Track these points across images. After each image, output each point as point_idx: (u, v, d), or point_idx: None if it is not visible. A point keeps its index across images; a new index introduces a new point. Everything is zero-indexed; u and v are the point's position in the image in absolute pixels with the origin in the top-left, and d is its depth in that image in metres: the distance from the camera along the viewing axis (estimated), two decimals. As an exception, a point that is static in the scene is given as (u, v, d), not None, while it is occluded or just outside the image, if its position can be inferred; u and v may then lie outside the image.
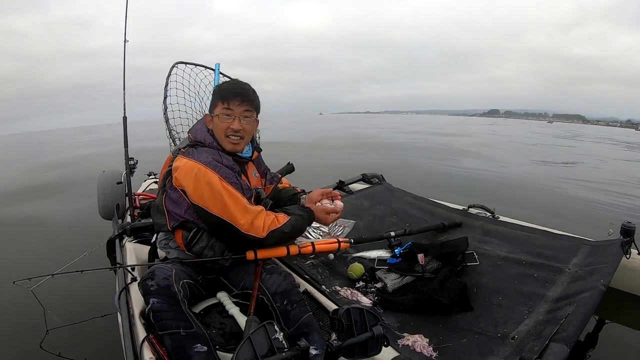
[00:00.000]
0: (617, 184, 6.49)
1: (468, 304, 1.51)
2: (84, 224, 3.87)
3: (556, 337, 1.11)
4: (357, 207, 2.62)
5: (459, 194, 4.59)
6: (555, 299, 1.43)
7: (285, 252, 1.24)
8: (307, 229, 2.29)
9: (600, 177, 7.25)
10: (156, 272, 1.19)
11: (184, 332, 1.11)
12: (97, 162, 6.68)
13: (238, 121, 1.39)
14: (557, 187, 6.00)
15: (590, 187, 6.13)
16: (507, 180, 6.58)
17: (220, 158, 1.37)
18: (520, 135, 23.29)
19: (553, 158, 10.64)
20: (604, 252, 1.66)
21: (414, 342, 1.32)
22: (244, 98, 1.40)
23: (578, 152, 13.25)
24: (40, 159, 8.26)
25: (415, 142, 14.50)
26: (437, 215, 2.39)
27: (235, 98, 1.38)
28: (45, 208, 4.78)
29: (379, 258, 1.92)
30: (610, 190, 5.87)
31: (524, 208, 4.20)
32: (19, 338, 1.93)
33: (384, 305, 1.58)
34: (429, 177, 6.68)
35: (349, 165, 7.46)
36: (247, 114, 1.41)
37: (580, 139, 22.08)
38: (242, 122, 1.39)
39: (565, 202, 5.02)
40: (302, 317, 1.25)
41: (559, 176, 7.26)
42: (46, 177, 6.94)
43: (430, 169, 7.76)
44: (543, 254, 1.77)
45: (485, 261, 1.80)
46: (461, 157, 9.81)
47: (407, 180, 4.13)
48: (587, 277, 1.49)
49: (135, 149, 2.90)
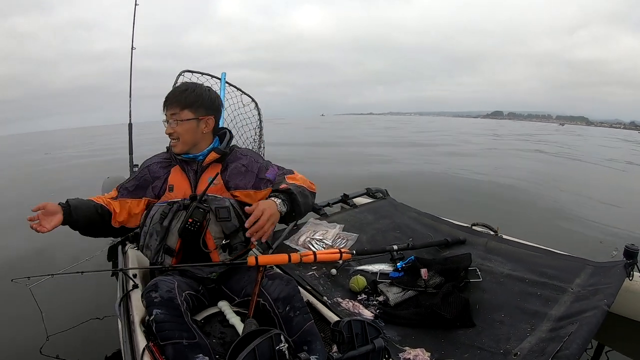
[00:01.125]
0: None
1: (470, 320, 1.51)
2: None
3: (559, 355, 1.11)
4: (360, 221, 2.62)
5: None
6: (558, 318, 1.42)
7: (287, 259, 1.24)
8: (308, 240, 2.30)
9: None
10: (159, 284, 1.19)
11: (186, 342, 1.10)
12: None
13: (169, 125, 1.42)
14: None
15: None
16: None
17: (154, 165, 1.51)
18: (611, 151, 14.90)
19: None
20: (607, 273, 1.66)
21: (415, 356, 1.31)
22: (168, 102, 1.43)
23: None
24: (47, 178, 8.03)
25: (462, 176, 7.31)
26: (441, 232, 2.39)
27: (164, 104, 1.44)
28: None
29: (381, 272, 1.91)
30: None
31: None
32: (19, 341, 1.93)
33: (385, 319, 1.57)
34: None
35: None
36: (174, 116, 1.41)
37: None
38: (172, 125, 1.41)
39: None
40: (305, 325, 1.23)
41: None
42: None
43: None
44: (546, 273, 1.76)
45: (488, 278, 1.80)
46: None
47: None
48: (590, 297, 1.48)
49: (140, 157, 2.91)
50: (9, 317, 2.12)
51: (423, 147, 13.67)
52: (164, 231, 1.35)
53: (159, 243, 1.36)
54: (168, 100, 1.42)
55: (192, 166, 1.46)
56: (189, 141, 1.43)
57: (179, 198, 1.40)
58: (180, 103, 1.40)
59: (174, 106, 1.40)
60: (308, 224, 2.52)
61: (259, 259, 1.22)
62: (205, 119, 1.44)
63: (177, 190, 1.44)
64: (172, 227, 1.35)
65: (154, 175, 1.49)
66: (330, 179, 5.80)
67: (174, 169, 1.48)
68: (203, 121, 1.43)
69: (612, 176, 8.46)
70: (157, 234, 1.37)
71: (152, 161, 1.53)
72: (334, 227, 2.46)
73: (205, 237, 1.35)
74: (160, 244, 1.36)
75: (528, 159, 10.59)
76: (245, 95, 2.90)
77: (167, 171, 1.49)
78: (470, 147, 13.92)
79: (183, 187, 1.44)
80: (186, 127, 1.40)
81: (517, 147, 14.97)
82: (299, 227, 2.51)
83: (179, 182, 1.45)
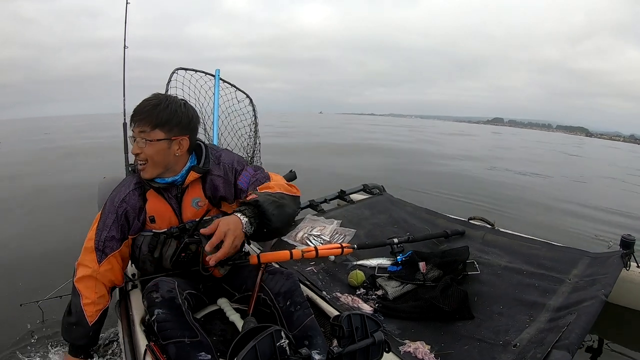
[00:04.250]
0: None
1: (469, 312, 1.52)
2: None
3: (558, 345, 1.11)
4: (357, 217, 2.63)
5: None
6: (556, 308, 1.43)
7: (289, 256, 1.24)
8: (306, 236, 2.30)
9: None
10: (160, 285, 1.18)
11: (188, 341, 1.10)
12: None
13: (136, 144, 1.22)
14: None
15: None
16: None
17: (129, 195, 1.27)
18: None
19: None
20: (604, 263, 1.67)
21: (415, 349, 1.31)
22: (137, 117, 1.22)
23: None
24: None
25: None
26: (438, 226, 2.40)
27: (132, 119, 1.23)
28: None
29: (380, 266, 1.92)
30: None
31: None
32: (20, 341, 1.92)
33: (385, 313, 1.58)
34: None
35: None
36: (142, 134, 1.20)
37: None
38: (140, 145, 1.21)
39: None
40: (306, 320, 1.23)
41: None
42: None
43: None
44: (543, 265, 1.77)
45: (486, 270, 1.81)
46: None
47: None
48: (587, 287, 1.50)
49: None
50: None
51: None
52: (158, 260, 1.30)
53: (155, 270, 1.32)
54: (136, 116, 1.21)
55: (171, 192, 1.29)
56: (160, 164, 1.23)
57: (163, 229, 1.28)
58: (150, 121, 1.20)
59: (143, 123, 1.20)
60: (305, 220, 2.52)
61: (260, 256, 1.21)
62: (178, 140, 1.23)
63: (160, 220, 1.29)
64: (164, 254, 1.29)
65: (134, 207, 1.27)
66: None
67: (149, 195, 1.29)
68: (176, 142, 1.23)
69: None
70: (150, 263, 1.32)
71: (125, 192, 1.28)
72: (332, 223, 2.45)
73: (203, 261, 1.18)
74: (156, 270, 1.32)
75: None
76: (239, 91, 2.88)
77: (142, 199, 1.29)
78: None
79: (166, 216, 1.29)
80: (157, 148, 1.20)
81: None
82: (296, 223, 2.50)
83: (161, 212, 1.29)
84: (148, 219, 1.28)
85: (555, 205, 5.49)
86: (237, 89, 2.88)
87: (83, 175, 6.02)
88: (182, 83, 2.66)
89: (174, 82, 2.62)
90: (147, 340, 1.18)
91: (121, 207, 1.25)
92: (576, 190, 7.12)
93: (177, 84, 2.63)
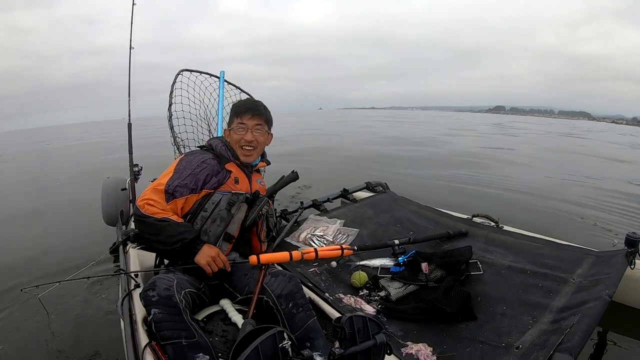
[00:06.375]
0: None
1: (472, 313, 1.51)
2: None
3: (561, 347, 1.11)
4: (360, 216, 2.62)
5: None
6: (559, 309, 1.42)
7: (288, 258, 1.24)
8: (309, 236, 2.30)
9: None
10: (157, 283, 1.19)
11: (185, 342, 1.11)
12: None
13: (251, 133, 1.52)
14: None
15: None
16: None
17: (210, 160, 1.50)
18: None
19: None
20: (608, 262, 1.66)
21: (417, 351, 1.31)
22: (255, 112, 1.53)
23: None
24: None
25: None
26: (442, 225, 2.39)
27: (247, 112, 1.53)
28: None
29: (382, 266, 1.91)
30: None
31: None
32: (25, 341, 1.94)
33: (387, 314, 1.58)
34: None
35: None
36: (259, 127, 1.54)
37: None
38: (255, 134, 1.53)
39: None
40: (308, 322, 1.25)
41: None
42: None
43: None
44: (547, 264, 1.76)
45: (489, 270, 1.80)
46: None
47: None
48: (591, 288, 1.48)
49: (139, 156, 2.92)
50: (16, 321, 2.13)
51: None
52: (230, 218, 1.46)
53: (223, 229, 1.45)
54: (253, 111, 1.53)
55: (248, 169, 1.61)
56: (261, 151, 1.61)
57: (242, 191, 1.53)
58: (263, 117, 1.56)
59: (259, 117, 1.54)
60: (308, 220, 2.52)
61: (260, 257, 1.22)
62: (271, 135, 1.62)
63: (241, 184, 1.55)
64: (234, 215, 1.48)
65: (213, 168, 1.50)
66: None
67: (230, 166, 1.55)
68: (270, 135, 1.62)
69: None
70: (222, 221, 1.45)
71: (205, 157, 1.51)
72: (335, 223, 2.45)
73: (259, 228, 1.58)
74: (223, 229, 1.46)
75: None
76: (244, 93, 2.89)
77: (222, 165, 1.53)
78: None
79: (245, 183, 1.57)
80: (266, 138, 1.58)
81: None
82: (299, 223, 2.51)
83: (242, 178, 1.56)
84: (233, 179, 1.53)
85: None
86: (241, 90, 2.89)
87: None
88: (187, 84, 2.67)
89: (179, 83, 2.63)
90: (148, 340, 1.18)
91: (201, 166, 1.47)
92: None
93: (182, 85, 2.64)
